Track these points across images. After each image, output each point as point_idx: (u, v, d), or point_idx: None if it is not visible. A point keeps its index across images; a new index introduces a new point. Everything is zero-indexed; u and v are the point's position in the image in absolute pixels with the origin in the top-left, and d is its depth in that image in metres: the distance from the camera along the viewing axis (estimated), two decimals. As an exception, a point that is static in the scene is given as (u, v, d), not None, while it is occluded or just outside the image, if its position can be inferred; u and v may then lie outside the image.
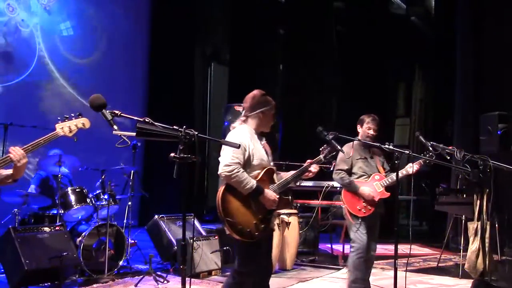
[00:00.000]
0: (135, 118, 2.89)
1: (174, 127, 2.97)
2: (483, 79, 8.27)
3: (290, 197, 3.72)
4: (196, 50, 11.68)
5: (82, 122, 3.64)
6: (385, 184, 4.78)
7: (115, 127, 2.83)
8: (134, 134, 2.91)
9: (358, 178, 4.84)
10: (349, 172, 4.86)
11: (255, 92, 3.71)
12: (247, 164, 3.46)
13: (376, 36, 10.21)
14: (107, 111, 2.83)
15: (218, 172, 3.41)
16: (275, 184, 3.61)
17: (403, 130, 12.94)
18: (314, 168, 3.80)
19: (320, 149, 3.96)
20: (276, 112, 3.70)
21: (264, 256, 3.55)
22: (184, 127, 2.99)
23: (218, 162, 3.49)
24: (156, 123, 2.95)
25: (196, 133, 3.07)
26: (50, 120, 4.24)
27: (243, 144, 3.44)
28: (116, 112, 2.85)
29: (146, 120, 2.92)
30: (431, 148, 4.53)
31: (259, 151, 3.57)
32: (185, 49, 11.08)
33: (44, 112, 8.81)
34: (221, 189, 3.41)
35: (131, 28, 10.54)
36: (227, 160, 3.38)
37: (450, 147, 4.64)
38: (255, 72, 11.09)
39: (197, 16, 11.40)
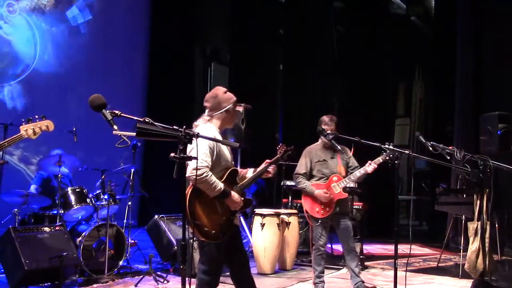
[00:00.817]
0: (135, 118, 2.89)
1: (174, 127, 2.98)
2: (483, 79, 8.26)
3: (251, 198, 3.79)
4: (196, 50, 11.67)
5: (46, 124, 3.71)
6: (342, 185, 4.87)
7: (115, 127, 2.83)
8: (134, 134, 2.91)
9: (317, 180, 4.96)
10: (309, 175, 5.00)
11: (217, 90, 3.69)
12: (214, 165, 3.47)
13: (376, 36, 10.21)
14: (107, 111, 2.83)
15: (187, 175, 3.35)
16: (238, 185, 3.65)
17: (403, 130, 12.93)
18: (272, 168, 3.84)
19: (277, 147, 4.04)
20: (238, 105, 3.73)
21: (225, 253, 3.57)
22: (184, 127, 3.00)
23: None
24: (156, 123, 2.95)
25: (197, 133, 3.08)
26: (50, 119, 4.23)
27: (210, 145, 3.43)
28: (116, 112, 2.85)
29: (146, 120, 2.92)
30: (431, 149, 4.54)
31: (224, 152, 3.59)
32: (185, 49, 11.07)
33: (43, 112, 8.80)
34: (188, 192, 3.39)
35: (131, 28, 10.54)
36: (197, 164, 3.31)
37: (450, 147, 4.65)
38: (255, 72, 11.08)
39: (197, 16, 11.40)
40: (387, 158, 4.47)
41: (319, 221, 4.91)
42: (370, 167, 4.73)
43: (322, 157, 5.00)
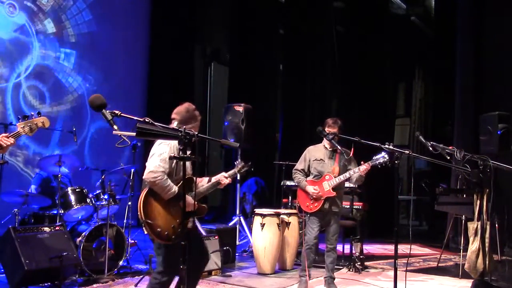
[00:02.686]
0: (135, 118, 2.89)
1: (174, 127, 2.98)
2: (483, 79, 8.27)
3: (205, 206, 3.97)
4: (196, 50, 11.67)
5: (42, 121, 3.78)
6: (332, 184, 5.14)
7: (115, 127, 2.83)
8: (134, 134, 2.92)
9: (314, 177, 5.27)
10: (307, 172, 5.34)
11: (188, 106, 3.92)
12: (172, 172, 3.66)
13: (376, 36, 10.21)
14: (107, 111, 2.83)
15: (143, 177, 3.60)
16: (192, 192, 3.79)
17: (403, 130, 12.94)
18: (226, 182, 4.08)
19: (235, 163, 4.35)
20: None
21: (181, 254, 3.59)
22: (184, 127, 3.00)
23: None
24: (156, 123, 2.95)
25: (196, 133, 3.08)
26: (50, 119, 4.24)
27: (171, 154, 3.56)
28: (116, 112, 2.86)
29: (146, 120, 2.93)
30: (431, 149, 4.55)
31: (184, 165, 3.68)
32: (185, 49, 11.07)
33: (44, 111, 8.80)
34: (143, 193, 3.61)
35: (131, 28, 10.53)
36: (153, 167, 3.57)
37: (450, 147, 4.65)
38: (255, 72, 11.08)
39: (197, 16, 11.40)
40: (377, 163, 4.83)
41: (308, 215, 5.27)
42: (362, 166, 4.96)
43: (320, 157, 5.29)
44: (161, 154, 3.61)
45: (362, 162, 4.98)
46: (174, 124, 3.80)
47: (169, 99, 10.39)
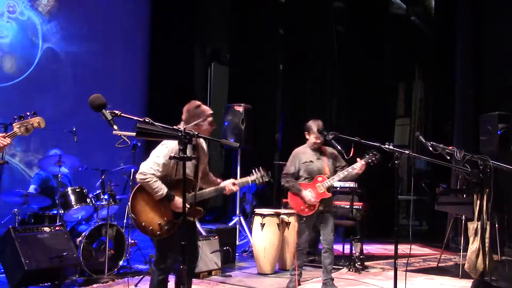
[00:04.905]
0: (135, 118, 2.89)
1: (174, 127, 2.98)
2: (483, 79, 8.26)
3: (202, 209, 3.94)
4: (196, 50, 11.67)
5: (38, 121, 3.83)
6: (326, 185, 5.10)
7: (115, 127, 2.83)
8: (134, 134, 2.92)
9: (304, 180, 5.20)
10: (296, 175, 5.25)
11: (190, 105, 3.94)
12: (171, 174, 3.71)
13: (376, 36, 10.21)
14: (107, 111, 2.83)
15: (136, 176, 3.70)
16: (191, 194, 3.76)
17: (403, 130, 12.96)
18: (230, 188, 3.99)
19: (253, 170, 4.15)
20: (213, 120, 3.92)
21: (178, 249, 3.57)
22: (184, 127, 3.01)
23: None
24: (156, 123, 2.95)
25: (196, 133, 3.08)
26: (50, 119, 4.24)
27: (167, 156, 3.57)
28: (116, 112, 2.86)
29: (146, 120, 2.93)
30: (431, 149, 4.55)
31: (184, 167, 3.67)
32: (185, 49, 11.07)
33: (44, 111, 8.78)
34: (134, 189, 3.74)
35: (131, 28, 10.53)
36: (144, 169, 3.64)
37: (450, 147, 4.65)
38: (255, 72, 11.08)
39: (197, 16, 11.40)
40: (370, 161, 4.87)
41: (304, 219, 5.17)
42: (358, 164, 4.92)
43: (309, 158, 5.23)
44: (157, 157, 3.66)
45: (358, 159, 4.94)
46: (181, 124, 3.84)
47: (169, 99, 10.39)
